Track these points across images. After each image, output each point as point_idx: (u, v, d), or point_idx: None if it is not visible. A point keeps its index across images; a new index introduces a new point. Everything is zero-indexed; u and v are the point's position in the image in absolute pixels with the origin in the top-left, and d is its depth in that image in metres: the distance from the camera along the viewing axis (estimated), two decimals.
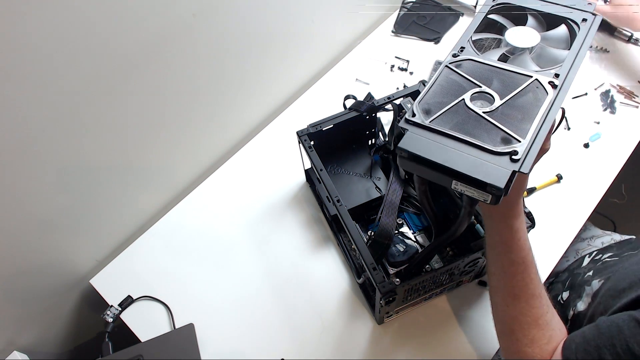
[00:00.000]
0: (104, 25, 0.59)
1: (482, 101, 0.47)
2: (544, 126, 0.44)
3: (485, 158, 0.43)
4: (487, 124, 0.45)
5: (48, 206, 0.68)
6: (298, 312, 0.74)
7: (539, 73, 0.48)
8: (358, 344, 0.70)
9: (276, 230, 0.83)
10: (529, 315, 0.51)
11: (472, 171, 0.42)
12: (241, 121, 0.96)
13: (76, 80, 0.60)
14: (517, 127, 0.44)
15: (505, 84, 0.48)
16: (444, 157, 0.44)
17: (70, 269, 0.79)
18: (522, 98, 0.46)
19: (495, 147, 0.43)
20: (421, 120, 0.47)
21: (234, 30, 0.78)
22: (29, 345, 0.77)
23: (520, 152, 0.42)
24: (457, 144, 0.45)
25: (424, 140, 0.46)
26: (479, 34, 0.54)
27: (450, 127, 0.46)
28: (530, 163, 0.42)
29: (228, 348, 0.71)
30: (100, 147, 0.69)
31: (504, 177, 0.41)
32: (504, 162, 0.42)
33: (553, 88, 0.46)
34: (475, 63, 0.51)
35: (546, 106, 0.45)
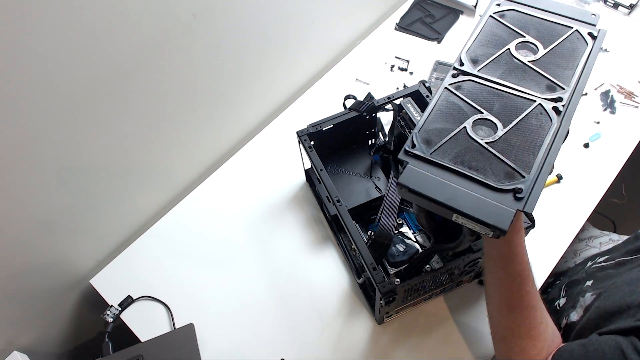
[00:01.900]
0: (104, 26, 0.58)
1: (484, 129, 0.45)
2: (548, 159, 0.42)
3: (488, 196, 0.41)
4: (490, 155, 0.43)
5: (48, 206, 0.68)
6: (298, 312, 0.74)
7: (543, 95, 0.46)
8: (358, 344, 0.70)
9: (276, 231, 0.83)
10: (522, 326, 0.52)
11: (475, 211, 0.41)
12: (241, 121, 0.96)
13: (76, 80, 0.60)
14: (521, 160, 0.42)
15: (507, 108, 0.46)
16: (446, 195, 0.42)
17: (70, 269, 0.79)
18: (525, 124, 0.45)
19: (499, 184, 0.41)
20: (422, 152, 0.45)
21: (234, 30, 0.78)
22: (29, 345, 0.77)
23: (524, 190, 0.40)
24: (459, 178, 0.43)
25: (424, 175, 0.44)
26: (480, 47, 0.53)
27: (451, 158, 0.44)
28: (535, 201, 0.40)
29: (228, 348, 0.71)
30: (100, 147, 0.69)
31: (507, 219, 0.39)
32: (508, 200, 0.40)
33: (557, 114, 0.45)
34: (475, 84, 0.49)
35: (551, 136, 0.43)
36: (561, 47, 0.50)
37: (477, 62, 0.50)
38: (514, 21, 0.53)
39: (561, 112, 0.45)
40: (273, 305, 0.75)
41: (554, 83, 0.46)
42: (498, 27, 0.53)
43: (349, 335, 0.71)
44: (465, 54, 0.52)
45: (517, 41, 0.50)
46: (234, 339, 0.72)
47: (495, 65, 0.49)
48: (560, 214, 0.79)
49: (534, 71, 0.48)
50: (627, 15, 1.10)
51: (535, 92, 0.46)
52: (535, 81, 0.47)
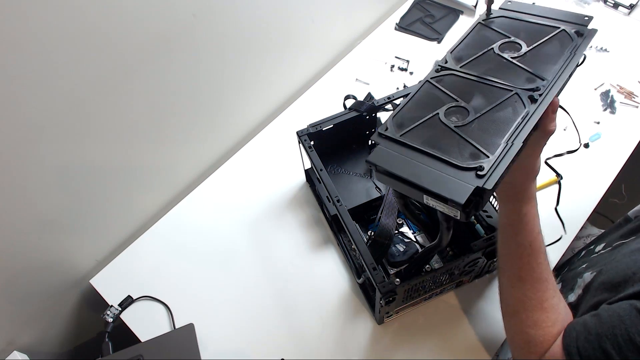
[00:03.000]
0: (104, 25, 0.59)
1: (457, 115, 0.47)
2: (516, 140, 0.43)
3: (450, 173, 0.43)
4: (459, 138, 0.45)
5: (48, 206, 0.68)
6: (298, 312, 0.74)
7: (522, 86, 0.48)
8: (358, 344, 0.70)
9: (276, 230, 0.83)
10: (534, 298, 0.51)
11: (434, 186, 0.42)
12: (241, 121, 0.96)
13: (76, 80, 0.60)
14: (488, 142, 0.44)
15: (487, 97, 0.48)
16: (410, 171, 0.44)
17: (70, 269, 0.79)
18: (501, 112, 0.46)
19: (462, 163, 0.43)
20: (392, 134, 0.47)
21: (234, 30, 0.78)
22: (29, 345, 0.77)
23: (486, 168, 0.42)
24: (426, 158, 0.45)
25: (393, 154, 0.46)
26: (465, 48, 0.55)
27: (422, 141, 0.46)
28: (496, 178, 0.41)
29: (228, 348, 0.71)
30: (101, 147, 0.69)
31: (465, 193, 0.41)
32: (469, 177, 0.42)
33: (532, 102, 0.46)
34: (457, 77, 0.51)
35: (519, 119, 0.45)
36: (546, 45, 0.51)
37: (461, 60, 0.53)
38: (502, 26, 0.55)
39: (537, 100, 0.46)
40: (273, 305, 0.75)
41: (534, 75, 0.48)
42: (486, 31, 0.55)
43: (349, 335, 0.71)
44: (449, 54, 0.54)
45: (502, 41, 0.52)
46: (234, 339, 0.72)
47: (479, 62, 0.52)
48: (561, 213, 0.79)
49: (516, 66, 0.49)
50: (627, 15, 1.10)
51: (515, 84, 0.48)
52: (516, 75, 0.49)
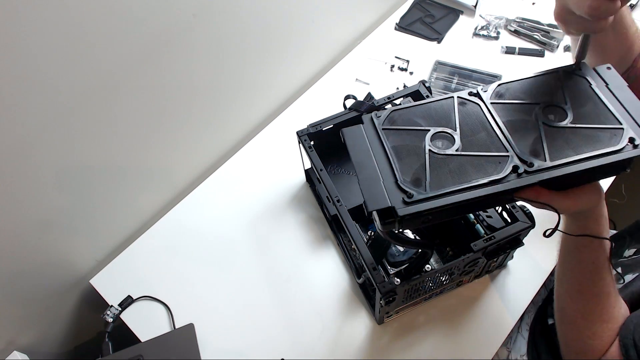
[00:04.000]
0: (104, 26, 0.58)
1: (443, 142, 0.47)
2: (463, 194, 0.42)
3: (387, 183, 0.43)
4: (422, 163, 0.45)
5: (48, 206, 0.68)
6: (298, 312, 0.74)
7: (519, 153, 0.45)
8: (358, 344, 0.70)
9: (276, 230, 0.83)
10: (595, 311, 0.51)
11: (364, 182, 0.44)
12: (241, 121, 0.96)
13: (76, 80, 0.60)
14: (439, 181, 0.43)
15: (484, 143, 0.46)
16: (360, 159, 0.45)
17: (70, 269, 0.79)
18: (479, 164, 0.45)
19: (401, 181, 0.43)
20: (378, 124, 0.48)
21: (234, 30, 0.78)
22: (29, 345, 0.77)
23: (414, 197, 0.42)
24: (383, 160, 0.45)
25: (363, 138, 0.47)
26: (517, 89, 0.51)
27: (394, 145, 0.47)
28: (413, 211, 0.41)
29: (228, 348, 0.71)
30: (100, 147, 0.69)
31: (379, 205, 0.42)
32: (396, 196, 0.42)
33: (513, 172, 0.43)
34: (479, 110, 0.49)
35: (486, 180, 0.43)
36: (592, 132, 0.45)
37: (500, 97, 0.49)
38: (574, 87, 0.49)
39: (520, 175, 0.43)
40: (273, 305, 0.75)
41: (543, 150, 0.44)
42: (555, 81, 0.50)
43: (349, 335, 0.71)
44: (497, 86, 0.50)
45: (553, 103, 0.47)
46: (234, 339, 0.72)
47: (513, 108, 0.48)
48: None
49: (539, 132, 0.46)
50: None
51: (521, 148, 0.45)
52: (531, 141, 0.46)
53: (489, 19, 1.10)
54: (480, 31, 1.08)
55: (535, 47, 1.05)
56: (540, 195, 0.43)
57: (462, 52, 1.05)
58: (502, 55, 1.04)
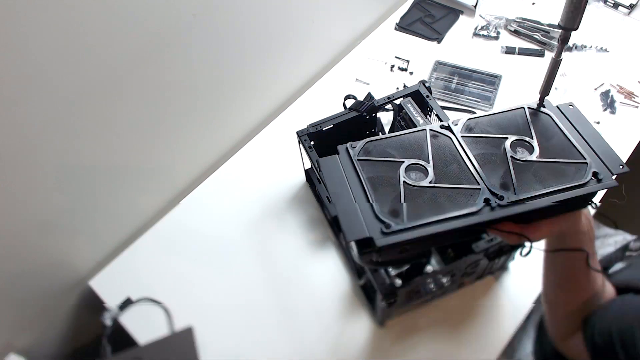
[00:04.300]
0: (104, 26, 0.58)
1: (417, 173, 0.48)
2: (439, 225, 0.43)
3: (364, 214, 0.45)
4: (398, 194, 0.46)
5: (47, 207, 0.67)
6: (298, 313, 0.73)
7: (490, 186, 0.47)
8: (358, 345, 0.70)
9: (276, 231, 0.82)
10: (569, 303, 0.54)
11: (342, 213, 0.45)
12: (241, 121, 0.95)
13: (76, 80, 0.59)
14: (415, 212, 0.45)
15: (456, 176, 0.48)
16: (336, 190, 0.46)
17: (69, 270, 0.78)
18: (453, 195, 0.46)
19: (379, 212, 0.44)
20: (353, 155, 0.49)
21: (233, 30, 0.77)
22: (27, 347, 0.77)
23: (392, 228, 0.43)
24: (359, 191, 0.46)
25: (339, 169, 0.48)
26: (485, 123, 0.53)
27: (369, 176, 0.48)
28: (391, 242, 0.42)
29: (228, 349, 0.71)
30: (100, 148, 0.69)
31: (357, 235, 0.43)
32: (374, 227, 0.43)
33: (486, 205, 0.45)
34: (450, 143, 0.51)
35: (461, 213, 0.44)
36: (556, 167, 0.48)
37: (470, 131, 0.52)
38: (540, 123, 0.51)
39: (494, 208, 0.45)
40: (273, 306, 0.74)
41: (512, 184, 0.46)
42: (521, 118, 0.52)
43: (349, 337, 0.71)
44: (467, 120, 0.53)
45: (519, 137, 0.49)
46: (234, 339, 0.72)
47: (483, 142, 0.50)
48: None
49: (508, 166, 0.47)
50: (627, 15, 1.10)
51: (491, 180, 0.46)
52: (500, 174, 0.47)
53: (489, 19, 1.10)
54: (480, 31, 1.08)
55: (535, 47, 1.05)
56: (514, 228, 0.46)
57: (462, 52, 1.04)
58: (502, 55, 1.04)
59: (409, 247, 0.46)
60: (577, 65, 1.01)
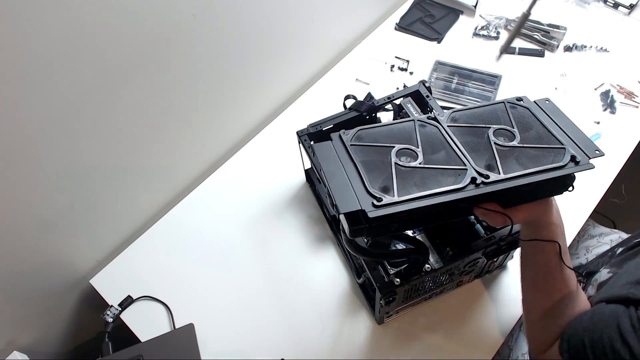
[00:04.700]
0: (104, 26, 0.58)
1: (407, 157, 0.51)
2: (427, 200, 0.46)
3: (357, 191, 0.47)
4: (389, 173, 0.49)
5: (48, 206, 0.68)
6: (298, 312, 0.74)
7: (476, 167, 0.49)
8: (358, 343, 0.70)
9: (276, 230, 0.83)
10: (547, 306, 0.55)
11: (334, 189, 0.47)
12: (241, 121, 0.96)
13: (76, 81, 0.60)
14: (406, 188, 0.47)
15: (444, 159, 0.51)
16: (330, 170, 0.49)
17: (70, 269, 0.79)
18: (440, 176, 0.49)
19: (371, 188, 0.47)
20: (346, 140, 0.52)
21: (234, 30, 0.78)
22: (29, 345, 0.77)
23: (383, 201, 0.45)
24: (353, 172, 0.49)
25: (333, 153, 0.51)
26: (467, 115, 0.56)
27: (361, 159, 0.50)
28: (382, 214, 0.45)
29: (228, 348, 0.71)
30: (100, 147, 0.69)
31: (350, 207, 0.45)
32: (366, 201, 0.46)
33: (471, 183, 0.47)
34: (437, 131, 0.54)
35: (447, 189, 0.47)
36: (537, 151, 0.51)
37: (455, 121, 0.55)
38: (519, 116, 0.55)
39: (478, 185, 0.48)
40: (273, 305, 0.75)
41: (496, 165, 0.49)
42: (502, 112, 0.55)
43: (349, 335, 0.71)
44: (452, 112, 0.56)
45: (500, 127, 0.53)
46: (234, 339, 0.72)
47: (467, 131, 0.54)
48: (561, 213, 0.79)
49: (491, 151, 0.51)
50: (627, 15, 1.10)
51: (476, 163, 0.49)
52: (485, 158, 0.50)
53: (489, 19, 1.10)
54: (480, 31, 1.08)
55: (535, 47, 1.05)
56: (497, 207, 0.50)
57: (462, 52, 1.05)
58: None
59: (397, 225, 0.49)
60: (577, 65, 1.01)
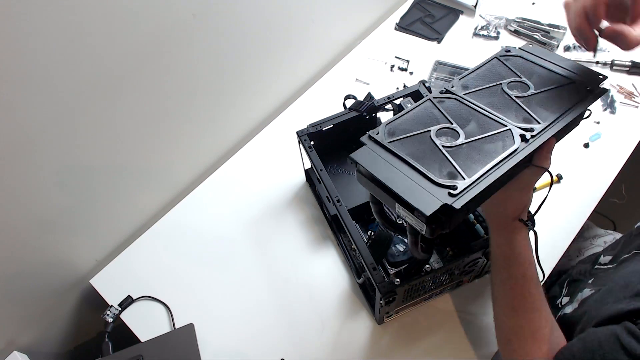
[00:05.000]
0: (104, 26, 0.59)
1: (448, 137, 0.48)
2: (497, 171, 0.44)
3: (425, 186, 0.44)
4: (442, 157, 0.46)
5: (48, 206, 0.68)
6: (298, 312, 0.74)
7: (517, 124, 0.48)
8: (358, 344, 0.70)
9: (276, 230, 0.83)
10: (526, 329, 0.52)
11: (406, 193, 0.43)
12: (241, 121, 0.96)
13: (76, 81, 0.60)
14: (469, 167, 0.45)
15: (481, 127, 0.49)
16: (387, 175, 0.46)
17: (70, 269, 0.79)
18: (490, 144, 0.47)
19: (438, 179, 0.44)
20: (381, 139, 0.49)
21: (233, 30, 0.78)
22: (29, 345, 0.77)
23: (459, 188, 0.43)
24: (407, 168, 0.46)
25: (376, 156, 0.48)
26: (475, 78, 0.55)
27: (407, 152, 0.47)
28: (466, 200, 0.42)
29: (228, 348, 0.71)
30: (100, 147, 0.69)
31: (432, 206, 0.42)
32: (441, 194, 0.43)
33: (523, 141, 0.47)
34: (458, 103, 0.52)
35: (506, 154, 0.46)
36: (553, 92, 0.51)
37: (467, 88, 0.54)
38: (517, 65, 0.55)
39: (528, 140, 0.47)
40: (273, 305, 0.75)
41: (532, 116, 0.49)
42: (500, 66, 0.55)
43: (349, 335, 0.71)
44: (458, 80, 0.55)
45: (512, 79, 0.53)
46: (234, 338, 0.72)
47: (484, 94, 0.53)
48: (561, 213, 0.79)
49: (518, 105, 0.50)
50: None
51: (512, 120, 0.49)
52: (516, 113, 0.50)
53: (489, 19, 1.10)
54: (480, 31, 1.08)
55: None
56: (550, 147, 0.48)
57: (462, 52, 1.05)
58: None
59: (471, 206, 0.45)
60: None
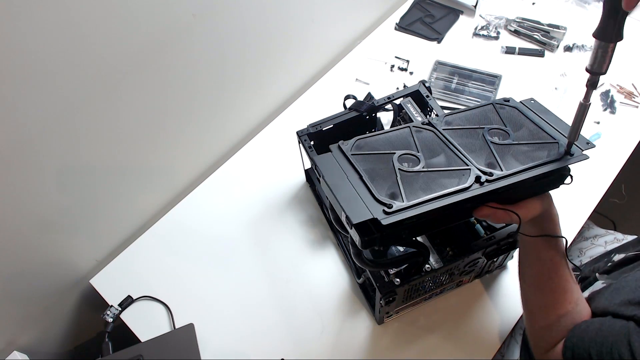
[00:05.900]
0: (104, 26, 0.58)
1: (409, 163, 0.51)
2: (437, 202, 0.46)
3: (365, 199, 0.46)
4: (394, 180, 0.49)
5: (48, 206, 0.68)
6: (298, 312, 0.74)
7: (478, 166, 0.50)
8: (358, 344, 0.70)
9: (276, 230, 0.83)
10: (551, 305, 0.54)
11: (343, 200, 0.47)
12: (241, 121, 0.96)
13: (76, 81, 0.60)
14: (414, 193, 0.47)
15: (447, 161, 0.51)
16: (336, 182, 0.49)
17: (70, 269, 0.79)
18: (446, 179, 0.49)
19: (380, 196, 0.46)
20: (346, 150, 0.52)
21: (233, 30, 0.78)
22: (29, 345, 0.77)
23: (394, 207, 0.45)
24: (358, 181, 0.49)
25: (335, 164, 0.51)
26: (461, 118, 0.57)
27: (365, 168, 0.50)
28: (394, 220, 0.44)
29: (228, 348, 0.71)
30: (101, 147, 0.69)
31: (362, 217, 0.44)
32: (376, 209, 0.45)
33: (476, 182, 0.48)
34: (434, 136, 0.54)
35: (454, 189, 0.47)
36: (531, 147, 0.52)
37: (450, 125, 0.56)
38: (508, 115, 0.56)
39: (483, 183, 0.48)
40: (273, 305, 0.75)
41: (497, 163, 0.50)
42: (491, 113, 0.57)
43: (348, 335, 0.71)
44: (444, 116, 0.57)
45: (495, 127, 0.55)
46: (234, 339, 0.72)
47: (463, 133, 0.55)
48: (561, 213, 0.79)
49: (490, 150, 0.52)
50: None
51: (477, 163, 0.50)
52: (485, 157, 0.51)
53: (489, 19, 1.10)
54: (480, 31, 1.08)
55: (535, 47, 1.05)
56: (504, 205, 0.50)
57: (462, 52, 1.05)
58: (502, 55, 1.04)
59: (408, 230, 0.49)
60: (577, 65, 1.01)
